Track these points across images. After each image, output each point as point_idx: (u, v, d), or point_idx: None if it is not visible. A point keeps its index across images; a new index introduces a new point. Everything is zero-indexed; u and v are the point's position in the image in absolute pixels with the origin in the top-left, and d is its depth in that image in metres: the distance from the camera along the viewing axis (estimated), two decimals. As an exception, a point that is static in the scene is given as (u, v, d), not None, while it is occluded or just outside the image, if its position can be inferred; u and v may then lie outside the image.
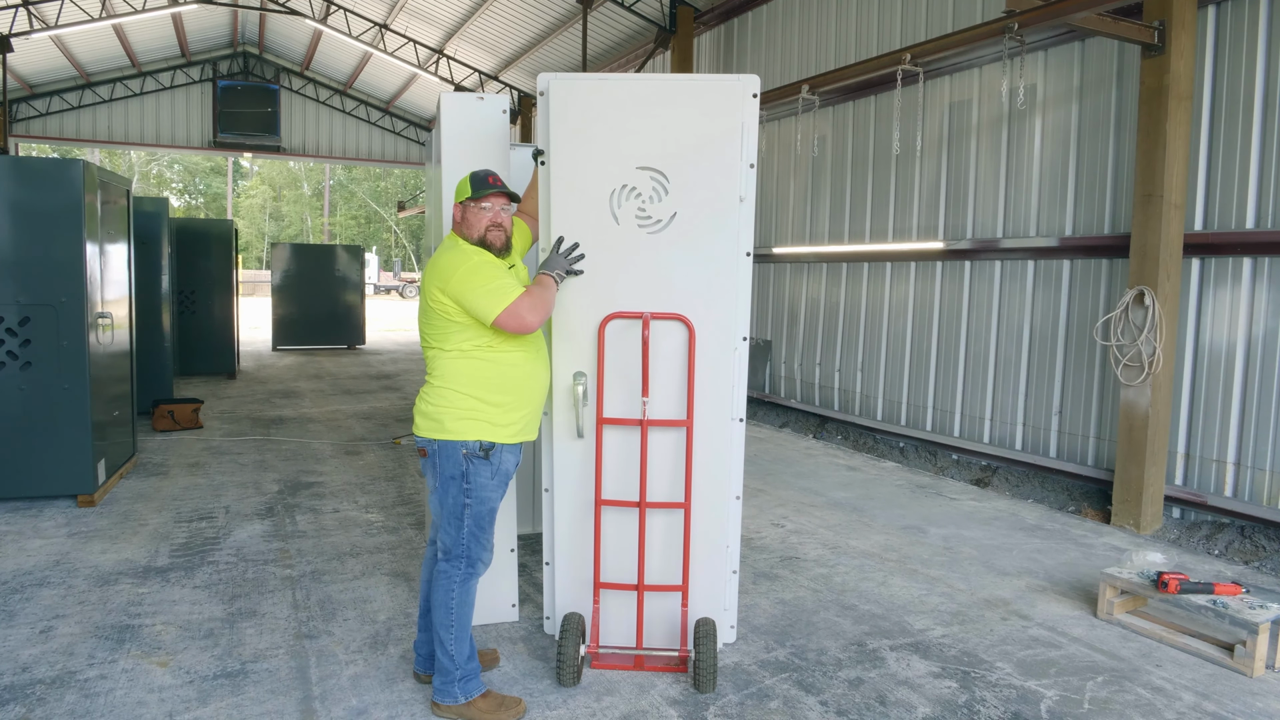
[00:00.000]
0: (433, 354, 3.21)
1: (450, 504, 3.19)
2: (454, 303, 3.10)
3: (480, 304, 3.09)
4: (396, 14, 17.38)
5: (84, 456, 5.79)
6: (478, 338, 3.15)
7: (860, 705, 3.36)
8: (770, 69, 10.46)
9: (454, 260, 3.14)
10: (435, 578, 3.22)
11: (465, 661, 3.19)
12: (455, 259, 3.15)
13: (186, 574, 4.61)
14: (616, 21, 13.85)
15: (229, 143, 21.64)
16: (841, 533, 5.61)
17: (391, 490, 6.45)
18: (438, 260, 3.18)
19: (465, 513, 3.18)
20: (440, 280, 3.12)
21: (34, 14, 15.46)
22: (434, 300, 3.13)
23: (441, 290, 3.11)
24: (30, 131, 19.99)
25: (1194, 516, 5.81)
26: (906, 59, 6.67)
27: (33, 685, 3.36)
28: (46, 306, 5.67)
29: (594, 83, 3.56)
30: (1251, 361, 5.58)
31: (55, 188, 5.65)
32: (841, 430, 9.05)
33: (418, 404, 3.25)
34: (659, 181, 3.51)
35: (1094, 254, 6.53)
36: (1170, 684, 3.60)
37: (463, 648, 3.19)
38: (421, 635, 3.42)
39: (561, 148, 3.50)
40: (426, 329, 3.22)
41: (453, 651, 3.17)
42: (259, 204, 52.78)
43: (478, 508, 3.20)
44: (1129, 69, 6.25)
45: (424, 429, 3.20)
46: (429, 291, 3.15)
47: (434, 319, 3.16)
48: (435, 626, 3.20)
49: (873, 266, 8.84)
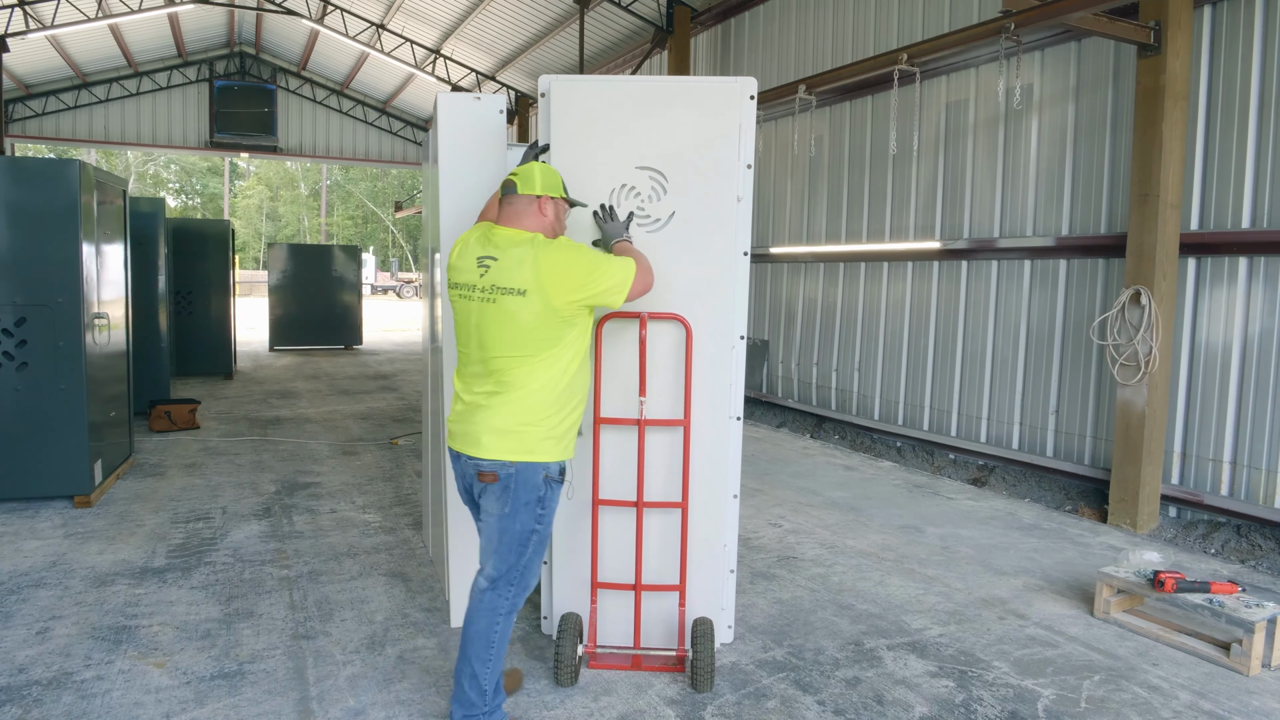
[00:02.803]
0: (515, 363, 2.86)
1: (518, 530, 2.91)
2: (584, 297, 2.86)
3: (614, 280, 2.89)
4: (393, 14, 17.37)
5: (80, 457, 5.78)
6: (580, 340, 2.95)
7: (857, 705, 3.36)
8: (767, 69, 10.46)
9: (574, 253, 2.90)
10: (477, 608, 2.96)
11: (494, 696, 3.00)
12: (573, 253, 2.90)
13: (183, 575, 4.60)
14: (613, 21, 13.85)
15: (225, 143, 21.61)
16: (839, 532, 5.62)
17: (389, 490, 6.44)
18: (553, 259, 2.85)
19: (532, 539, 2.94)
20: (570, 277, 2.83)
21: (30, 14, 15.43)
22: (560, 301, 2.82)
23: (580, 287, 2.84)
24: (26, 131, 19.96)
25: (1190, 515, 5.82)
26: (903, 59, 6.68)
27: (29, 686, 3.36)
28: (42, 307, 5.65)
29: (594, 84, 3.60)
30: (1247, 361, 5.59)
31: (51, 188, 5.64)
32: (839, 430, 9.05)
33: (488, 420, 2.86)
34: (658, 181, 3.55)
35: (1090, 254, 6.54)
36: (1167, 683, 3.61)
37: (494, 681, 2.99)
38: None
39: (562, 147, 3.53)
40: (519, 335, 2.84)
41: (485, 686, 2.95)
42: (256, 204, 52.71)
43: (545, 532, 2.98)
44: (1125, 69, 6.26)
45: (500, 450, 2.85)
46: (551, 293, 2.81)
47: (549, 322, 2.84)
48: (470, 658, 2.94)
49: (870, 266, 8.85)
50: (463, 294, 2.95)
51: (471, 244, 3.01)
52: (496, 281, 2.85)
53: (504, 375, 2.88)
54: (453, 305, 3.03)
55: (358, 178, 52.85)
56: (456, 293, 2.99)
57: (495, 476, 2.87)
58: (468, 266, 2.95)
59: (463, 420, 2.96)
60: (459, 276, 2.98)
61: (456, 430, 2.99)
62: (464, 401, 2.98)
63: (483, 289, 2.87)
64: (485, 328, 2.87)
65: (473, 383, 2.97)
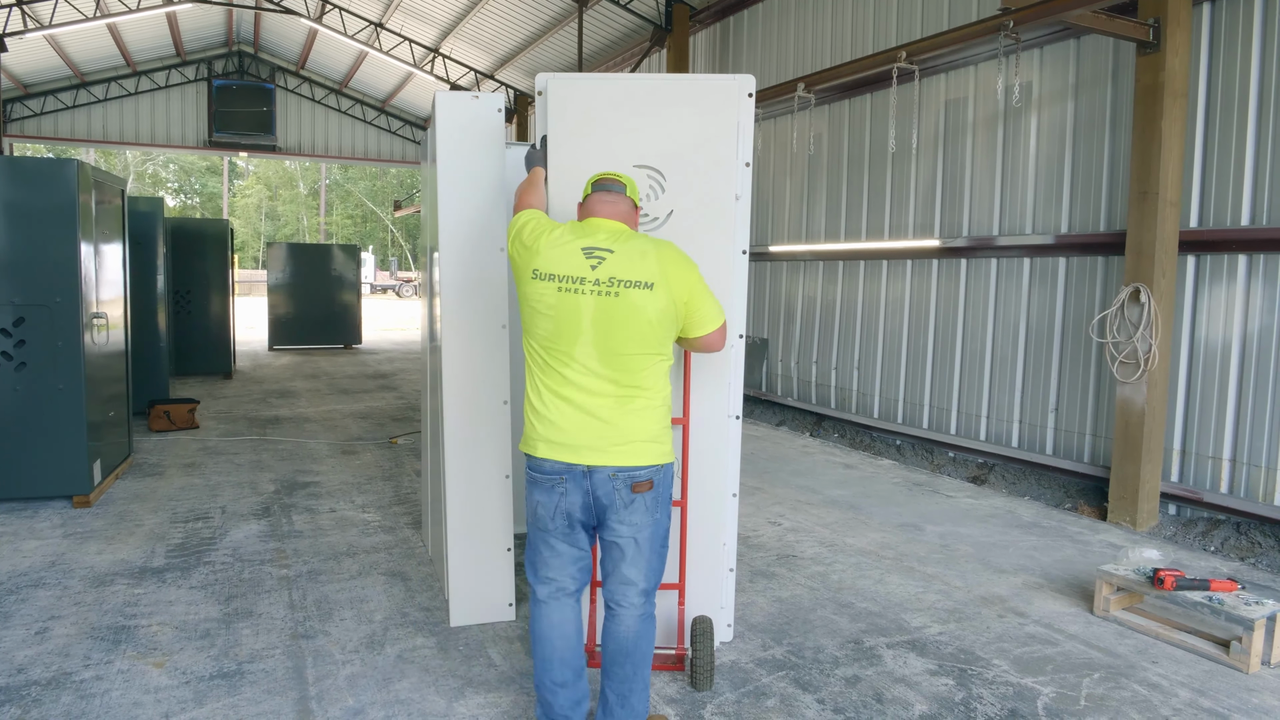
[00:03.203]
0: (645, 362, 2.72)
1: (661, 533, 2.82)
2: (689, 308, 2.78)
3: (713, 308, 2.85)
4: (392, 13, 17.36)
5: (79, 457, 5.77)
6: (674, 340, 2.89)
7: (857, 703, 3.36)
8: (766, 67, 10.45)
9: (688, 260, 2.84)
10: (642, 626, 2.82)
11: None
12: (687, 259, 2.84)
13: (182, 574, 4.60)
14: (612, 20, 13.84)
15: (224, 142, 21.62)
16: (838, 530, 5.62)
17: (388, 490, 6.44)
18: (674, 256, 2.79)
19: (667, 537, 2.87)
20: (685, 279, 2.76)
21: (28, 13, 15.42)
22: (679, 298, 2.74)
23: (690, 293, 2.77)
24: (25, 131, 19.96)
25: (1190, 513, 5.82)
26: (902, 57, 6.68)
27: (28, 686, 3.36)
28: (41, 307, 5.65)
29: (592, 82, 3.58)
30: (1247, 358, 5.59)
31: (49, 187, 5.64)
32: (838, 428, 9.05)
33: (635, 428, 2.70)
34: (656, 179, 3.54)
35: (1090, 251, 6.54)
36: (1166, 680, 3.61)
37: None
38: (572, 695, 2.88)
39: (560, 146, 3.51)
40: (647, 330, 2.70)
41: (641, 710, 2.84)
42: (255, 203, 52.69)
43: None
44: (1124, 66, 6.25)
45: (655, 455, 2.73)
46: (675, 288, 2.73)
47: (668, 318, 2.74)
48: (630, 678, 2.79)
49: (869, 264, 8.84)
50: (566, 287, 2.69)
51: (562, 234, 2.78)
52: (618, 274, 2.67)
53: (634, 376, 2.71)
54: (539, 297, 2.73)
55: (357, 177, 52.83)
56: (553, 284, 2.70)
57: (652, 484, 2.73)
58: (567, 258, 2.71)
59: (589, 430, 2.70)
60: (555, 267, 2.71)
61: (577, 442, 2.71)
62: (577, 406, 2.70)
63: (598, 281, 2.67)
64: (609, 322, 2.68)
65: (580, 383, 2.71)
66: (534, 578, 2.89)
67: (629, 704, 2.84)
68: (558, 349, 2.72)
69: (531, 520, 2.84)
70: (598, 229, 2.82)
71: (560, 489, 2.73)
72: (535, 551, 2.87)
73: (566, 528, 2.78)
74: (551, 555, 2.83)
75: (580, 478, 2.71)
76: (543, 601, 2.86)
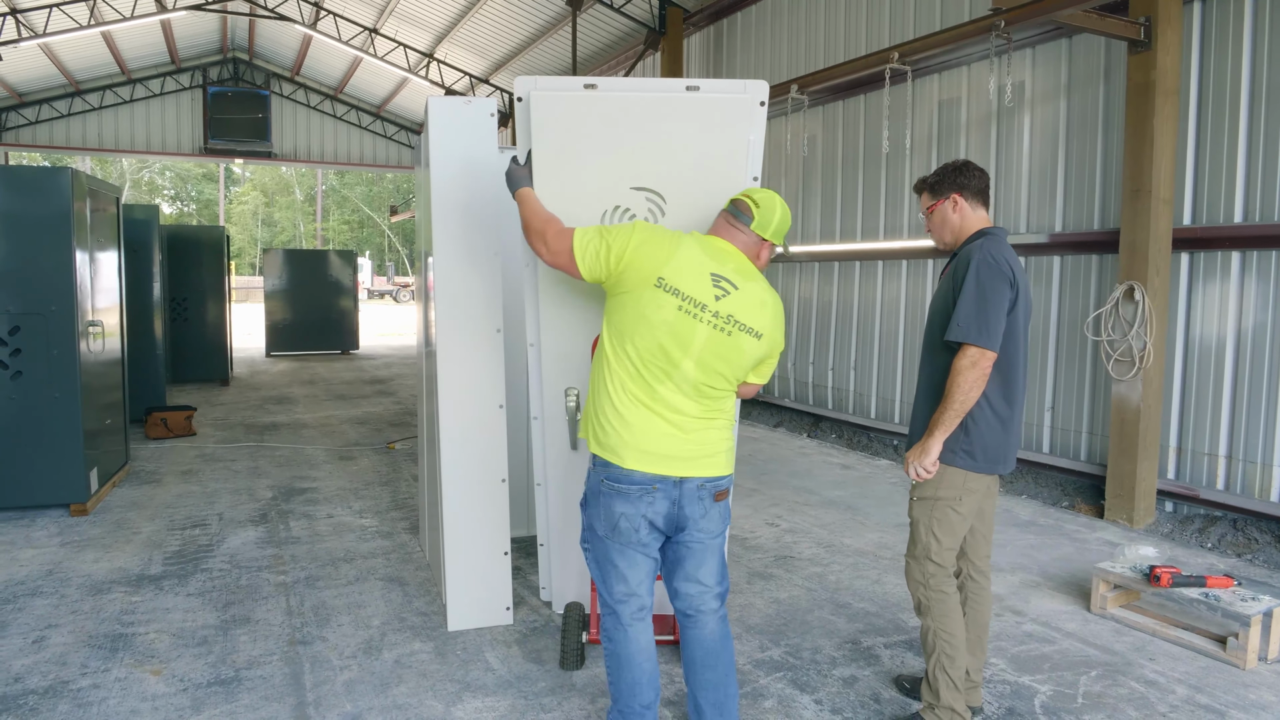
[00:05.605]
0: (728, 392, 2.79)
1: (724, 541, 2.90)
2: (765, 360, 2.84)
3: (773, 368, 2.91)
4: (386, 18, 17.37)
5: (76, 465, 5.77)
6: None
7: (855, 703, 3.36)
8: (759, 69, 10.47)
9: (784, 320, 2.89)
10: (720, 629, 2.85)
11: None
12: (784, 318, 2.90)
13: (180, 582, 4.60)
14: (606, 23, 13.86)
15: (220, 149, 21.59)
16: (836, 531, 5.62)
17: (385, 495, 6.44)
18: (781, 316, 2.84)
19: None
20: (780, 341, 2.84)
21: (22, 22, 15.41)
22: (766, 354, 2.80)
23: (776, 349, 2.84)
24: (20, 140, 19.93)
25: (1186, 510, 5.83)
26: (895, 57, 6.70)
27: (25, 695, 3.35)
28: (36, 315, 5.65)
29: (581, 95, 3.26)
30: (1242, 355, 5.60)
31: (44, 196, 5.64)
32: (835, 429, 9.06)
33: (716, 441, 2.76)
34: (655, 203, 3.36)
35: (1084, 250, 6.55)
36: (1163, 677, 3.61)
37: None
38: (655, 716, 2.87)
39: (544, 166, 3.24)
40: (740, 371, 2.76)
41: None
42: (251, 210, 52.66)
43: None
44: (1116, 65, 6.27)
45: (731, 465, 2.84)
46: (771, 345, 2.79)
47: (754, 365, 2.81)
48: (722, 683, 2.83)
49: (864, 265, 8.86)
50: (687, 309, 2.65)
51: (694, 251, 2.72)
52: (736, 315, 2.68)
53: (719, 401, 2.76)
54: (656, 309, 2.66)
55: (353, 182, 52.80)
56: (675, 300, 2.65)
57: (728, 492, 2.83)
58: (695, 279, 2.67)
59: (677, 442, 2.70)
60: (682, 284, 2.66)
61: (670, 453, 2.69)
62: (667, 420, 2.69)
63: (718, 314, 2.66)
64: (715, 356, 2.68)
65: (669, 400, 2.69)
66: (612, 598, 2.82)
67: (726, 711, 2.83)
68: (657, 364, 2.68)
69: (609, 534, 2.76)
70: (728, 257, 2.77)
71: (649, 499, 2.70)
72: (610, 567, 2.80)
73: (647, 538, 2.77)
74: (629, 567, 2.78)
75: (671, 488, 2.71)
76: (627, 625, 2.81)
